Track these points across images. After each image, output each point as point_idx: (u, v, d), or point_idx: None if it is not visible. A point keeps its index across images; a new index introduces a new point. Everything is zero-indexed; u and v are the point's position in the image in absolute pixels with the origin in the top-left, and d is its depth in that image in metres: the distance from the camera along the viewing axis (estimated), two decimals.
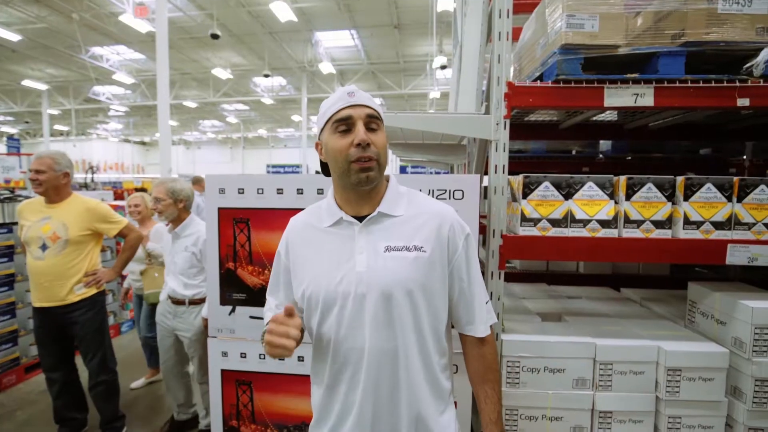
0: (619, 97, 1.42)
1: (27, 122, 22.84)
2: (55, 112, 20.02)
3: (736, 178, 1.44)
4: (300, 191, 1.63)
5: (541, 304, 2.07)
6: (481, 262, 1.72)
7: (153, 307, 2.99)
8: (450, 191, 1.48)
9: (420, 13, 10.79)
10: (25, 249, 2.45)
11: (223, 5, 10.55)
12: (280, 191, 1.60)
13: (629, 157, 2.80)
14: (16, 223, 3.24)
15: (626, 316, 1.89)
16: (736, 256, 1.42)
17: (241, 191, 1.66)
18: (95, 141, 26.85)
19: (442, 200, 1.49)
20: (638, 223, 1.48)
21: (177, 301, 2.42)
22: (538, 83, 1.47)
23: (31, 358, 3.69)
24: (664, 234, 1.48)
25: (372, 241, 0.96)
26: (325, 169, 1.06)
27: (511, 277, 2.70)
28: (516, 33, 1.98)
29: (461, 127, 1.52)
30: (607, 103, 1.42)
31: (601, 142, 2.74)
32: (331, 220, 1.00)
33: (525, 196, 1.52)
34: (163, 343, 2.52)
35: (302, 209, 1.09)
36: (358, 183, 0.93)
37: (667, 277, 2.51)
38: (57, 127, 23.98)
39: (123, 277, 4.65)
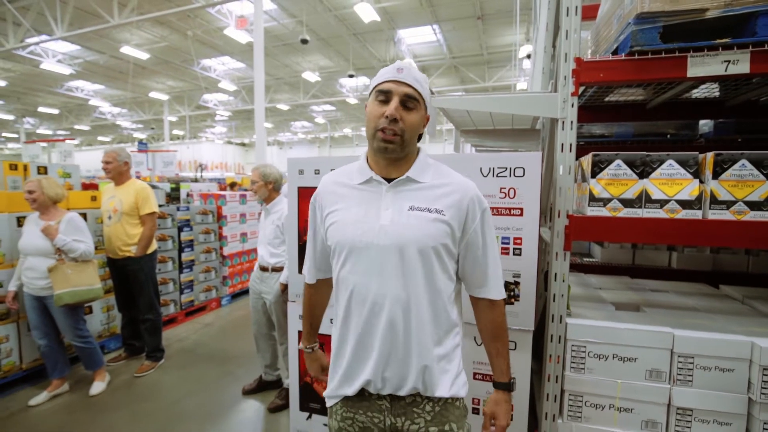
0: (706, 66, 1.30)
1: (152, 128, 26.67)
2: (173, 118, 23.04)
3: None
4: None
5: (617, 294, 1.95)
6: (546, 242, 1.69)
7: (65, 308, 2.67)
8: (511, 169, 1.46)
9: (504, 1, 10.39)
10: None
11: (312, 11, 11.21)
12: None
13: (739, 139, 2.47)
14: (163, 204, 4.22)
15: (720, 311, 1.71)
16: None
17: (317, 172, 1.83)
18: (204, 143, 30.34)
19: (502, 177, 1.50)
20: (728, 204, 1.35)
21: (263, 268, 2.80)
22: (609, 57, 1.41)
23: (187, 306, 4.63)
24: (761, 216, 1.33)
25: (398, 200, 1.07)
26: None
27: (590, 269, 2.56)
28: (594, 11, 1.89)
29: (527, 106, 1.50)
30: (690, 73, 1.31)
31: (701, 123, 2.44)
32: (362, 178, 1.11)
33: (594, 175, 1.46)
34: (254, 306, 2.88)
35: None
36: (378, 150, 1.05)
37: None
38: (174, 132, 27.60)
39: (224, 258, 5.21)
